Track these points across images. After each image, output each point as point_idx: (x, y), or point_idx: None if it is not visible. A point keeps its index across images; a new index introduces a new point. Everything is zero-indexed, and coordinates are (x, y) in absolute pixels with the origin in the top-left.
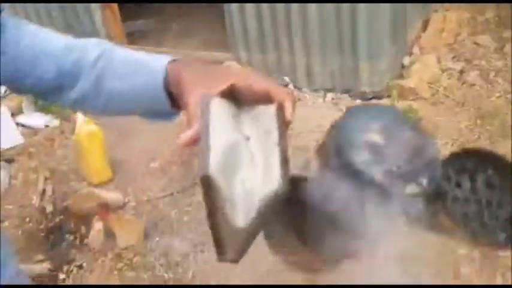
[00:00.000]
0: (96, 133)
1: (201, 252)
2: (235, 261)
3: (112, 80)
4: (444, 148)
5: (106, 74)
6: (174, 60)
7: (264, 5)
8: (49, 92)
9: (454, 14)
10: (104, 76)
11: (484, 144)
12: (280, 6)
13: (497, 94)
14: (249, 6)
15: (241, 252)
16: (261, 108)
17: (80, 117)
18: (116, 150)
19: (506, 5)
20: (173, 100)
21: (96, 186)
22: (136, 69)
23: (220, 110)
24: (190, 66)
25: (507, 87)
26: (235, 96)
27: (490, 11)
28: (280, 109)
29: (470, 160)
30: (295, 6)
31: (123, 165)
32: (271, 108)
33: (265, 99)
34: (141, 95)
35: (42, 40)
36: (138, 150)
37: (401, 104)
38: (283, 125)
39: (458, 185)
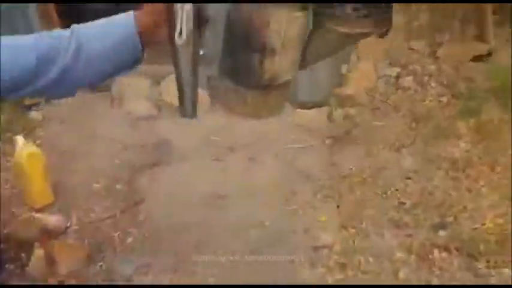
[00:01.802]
0: (36, 155)
1: (144, 275)
2: (194, 116)
3: (91, 43)
4: (381, 152)
5: (84, 39)
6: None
7: None
8: (23, 83)
9: None
10: (83, 41)
11: (419, 146)
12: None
13: (430, 97)
14: None
15: (195, 107)
16: None
17: (19, 139)
18: (58, 173)
19: (440, 9)
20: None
21: (38, 210)
22: (109, 25)
23: None
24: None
25: (439, 90)
26: None
27: (423, 16)
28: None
29: None
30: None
31: (66, 187)
32: None
33: None
34: (119, 47)
35: (10, 40)
36: (81, 172)
37: (339, 112)
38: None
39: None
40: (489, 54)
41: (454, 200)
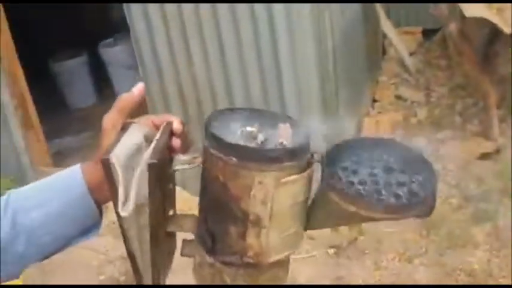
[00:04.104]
0: None
1: None
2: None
3: (30, 212)
4: (391, 263)
5: (21, 209)
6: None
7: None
8: None
9: (386, 116)
10: (20, 212)
11: (433, 256)
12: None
13: (440, 200)
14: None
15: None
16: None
17: None
18: None
19: (437, 105)
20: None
21: None
22: (51, 189)
23: (133, 132)
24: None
25: (447, 192)
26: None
27: (422, 112)
28: (168, 124)
29: (365, 150)
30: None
31: None
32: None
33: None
34: (66, 212)
35: None
36: None
37: None
38: (167, 131)
39: (355, 172)
40: (497, 151)
41: None
